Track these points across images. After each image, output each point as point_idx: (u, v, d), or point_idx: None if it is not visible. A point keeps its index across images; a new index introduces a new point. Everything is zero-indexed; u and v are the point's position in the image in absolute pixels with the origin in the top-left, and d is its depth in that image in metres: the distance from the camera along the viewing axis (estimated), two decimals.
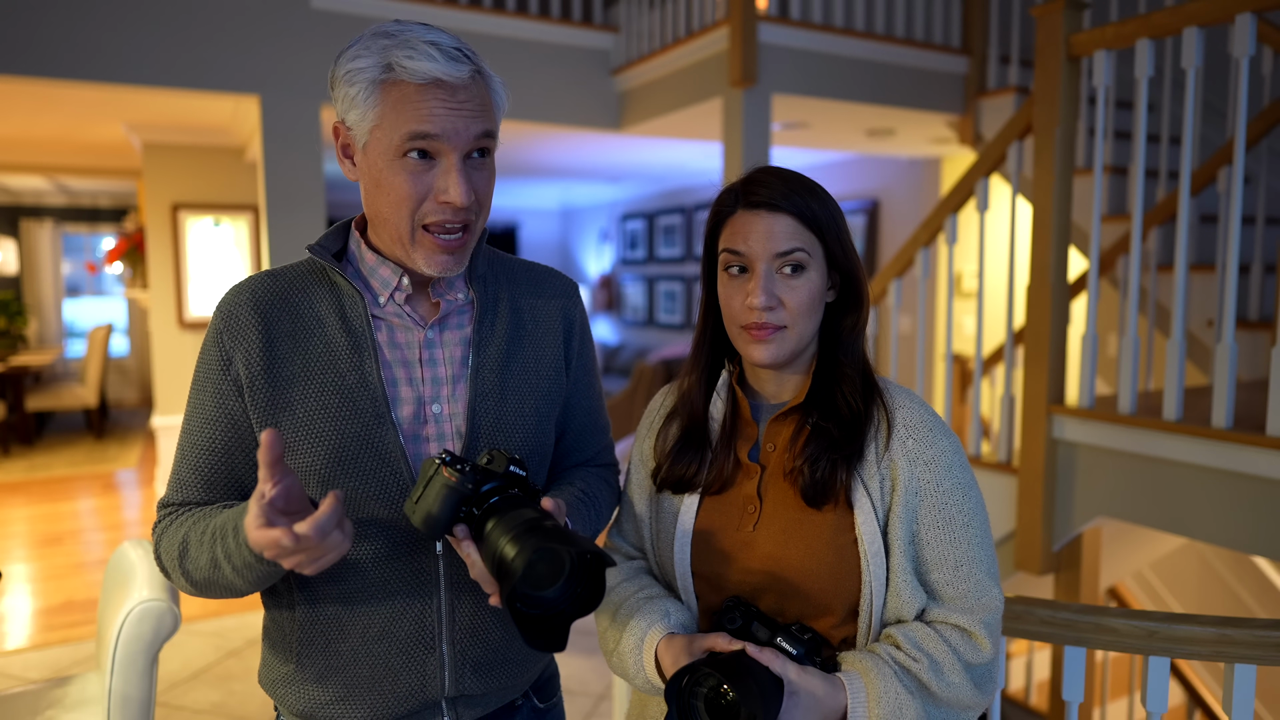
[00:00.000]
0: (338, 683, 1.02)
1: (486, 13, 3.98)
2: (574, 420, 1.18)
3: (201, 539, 0.94)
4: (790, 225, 0.96)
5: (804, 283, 0.97)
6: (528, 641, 0.82)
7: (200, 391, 1.00)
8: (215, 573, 0.93)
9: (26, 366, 6.93)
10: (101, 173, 7.01)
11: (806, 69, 3.84)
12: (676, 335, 8.18)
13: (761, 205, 0.97)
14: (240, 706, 2.97)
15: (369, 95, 0.93)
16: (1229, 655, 1.35)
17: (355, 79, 0.93)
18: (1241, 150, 2.06)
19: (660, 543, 1.07)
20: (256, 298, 1.00)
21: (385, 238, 1.00)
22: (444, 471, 0.87)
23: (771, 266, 0.97)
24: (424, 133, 0.92)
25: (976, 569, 0.97)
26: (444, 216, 0.96)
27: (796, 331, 0.98)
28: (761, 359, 0.98)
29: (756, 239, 0.97)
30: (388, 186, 0.95)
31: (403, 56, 0.92)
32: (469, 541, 0.89)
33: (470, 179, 0.95)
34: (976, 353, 2.88)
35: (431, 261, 0.98)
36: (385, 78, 0.92)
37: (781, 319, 0.97)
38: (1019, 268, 3.64)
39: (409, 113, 0.92)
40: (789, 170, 1.01)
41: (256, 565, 0.89)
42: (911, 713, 0.91)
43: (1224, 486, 2.15)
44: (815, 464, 0.97)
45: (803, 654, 0.91)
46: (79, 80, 3.36)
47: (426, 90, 0.92)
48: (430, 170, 0.94)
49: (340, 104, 0.96)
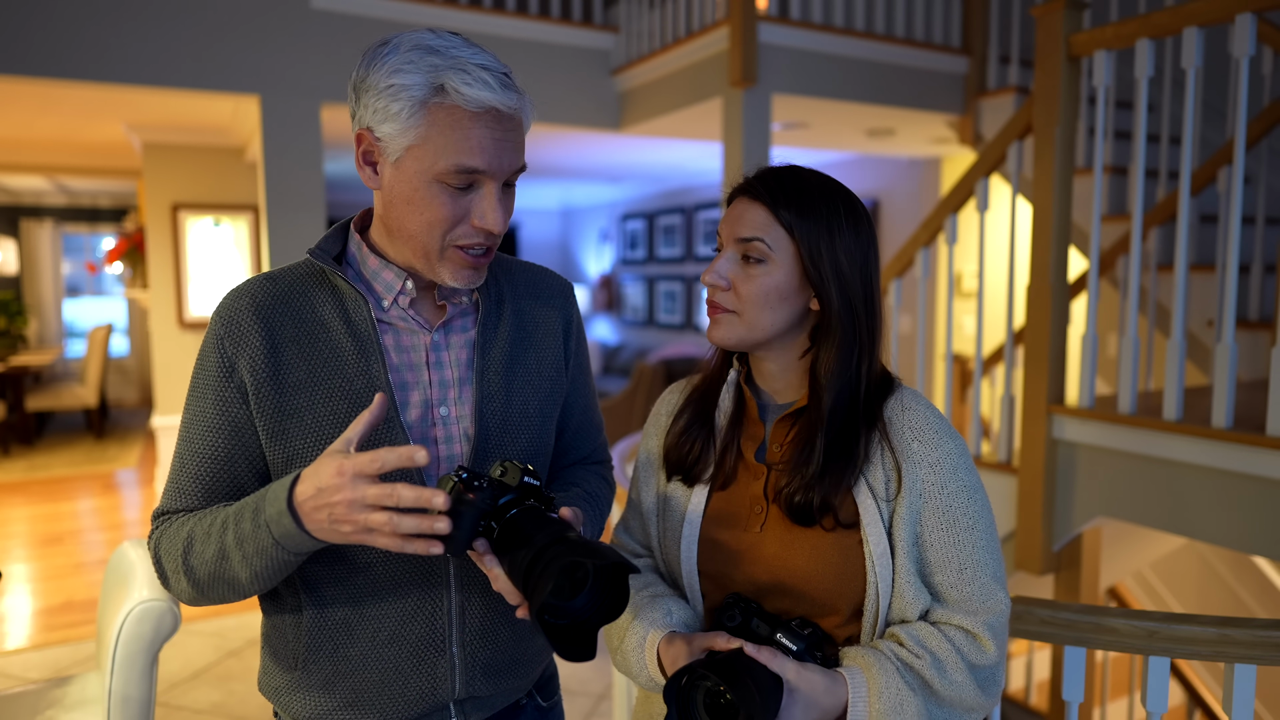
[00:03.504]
0: (345, 688, 1.01)
1: (486, 13, 3.98)
2: (572, 418, 1.18)
3: (209, 531, 0.92)
4: (761, 216, 0.97)
5: (760, 273, 0.97)
6: (560, 653, 0.82)
7: (200, 398, 0.98)
8: (221, 564, 0.91)
9: (26, 366, 6.93)
10: (101, 173, 7.01)
11: (806, 69, 3.84)
12: (676, 335, 8.18)
13: (747, 192, 0.99)
14: (240, 706, 2.97)
15: (413, 114, 0.90)
16: (1229, 655, 1.35)
17: (399, 95, 0.90)
18: (1241, 150, 2.06)
19: (667, 539, 1.07)
20: (257, 302, 0.98)
21: (404, 250, 0.98)
22: (461, 489, 0.86)
23: (735, 250, 0.98)
24: (472, 168, 0.91)
25: (981, 572, 0.97)
26: (476, 240, 0.96)
27: (747, 320, 0.98)
28: (710, 336, 1.01)
29: (729, 221, 1.00)
30: (422, 206, 0.94)
31: (459, 81, 0.89)
32: (490, 556, 0.88)
33: (505, 206, 0.96)
34: (976, 353, 2.88)
35: (458, 276, 0.98)
36: (436, 100, 0.90)
37: (731, 303, 0.98)
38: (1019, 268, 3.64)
39: (458, 142, 0.90)
40: (807, 172, 1.00)
41: (271, 550, 0.87)
42: (912, 708, 0.91)
43: (1224, 486, 2.15)
44: (808, 491, 0.96)
45: (803, 649, 0.91)
46: (79, 80, 3.36)
47: (479, 119, 0.91)
48: (467, 195, 0.94)
49: (369, 111, 0.93)
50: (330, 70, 3.74)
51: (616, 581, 0.84)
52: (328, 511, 0.82)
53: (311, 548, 0.88)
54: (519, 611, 0.88)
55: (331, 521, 0.83)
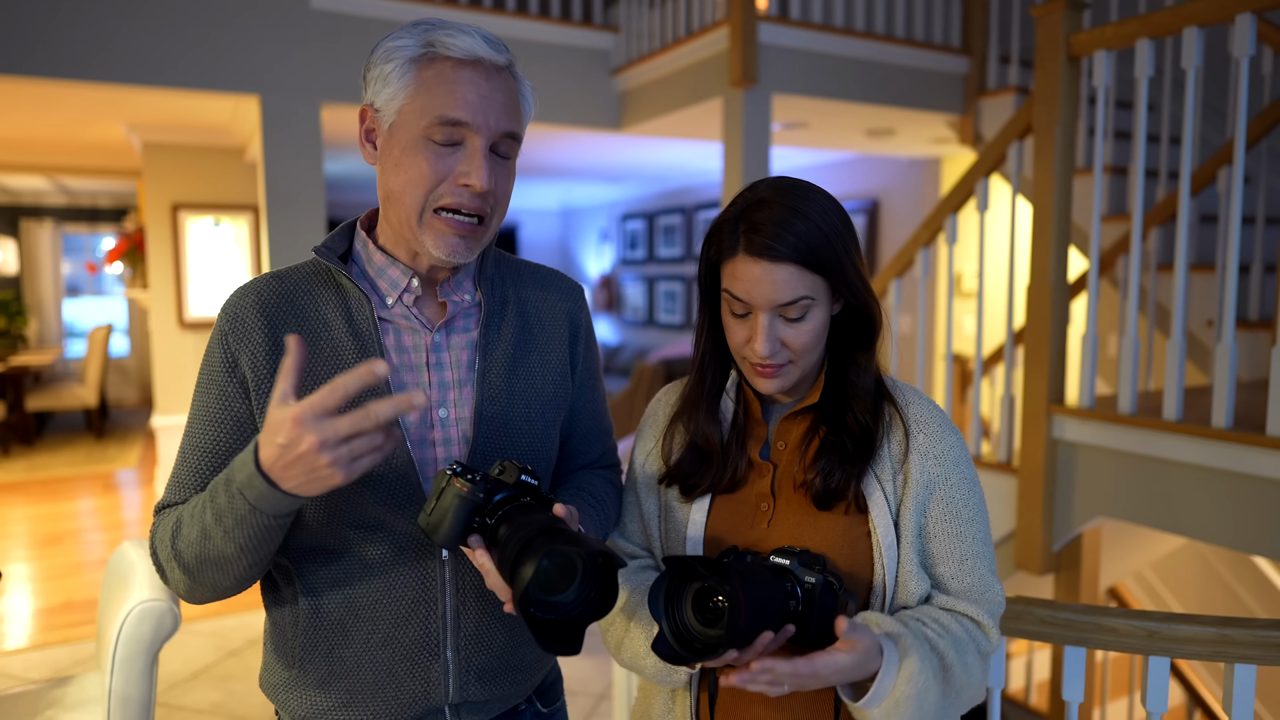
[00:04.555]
0: (341, 689, 1.01)
1: (486, 13, 3.98)
2: (579, 424, 1.17)
3: (192, 513, 0.91)
4: (793, 275, 0.93)
5: (808, 324, 0.96)
6: (541, 644, 0.82)
7: (204, 393, 0.99)
8: (205, 544, 0.89)
9: (26, 366, 6.93)
10: (101, 173, 7.01)
11: (806, 69, 3.84)
12: (676, 335, 8.17)
13: (763, 255, 0.93)
14: (240, 706, 2.97)
15: (404, 73, 0.93)
16: (1229, 655, 1.35)
17: (392, 55, 0.94)
18: (1241, 150, 2.06)
19: (670, 543, 1.07)
20: (262, 300, 0.99)
21: (394, 221, 0.98)
22: (456, 482, 0.87)
23: (774, 314, 0.96)
24: (454, 118, 0.92)
25: (980, 563, 0.99)
26: (460, 200, 0.94)
27: (801, 365, 0.99)
28: (767, 390, 1.01)
29: (758, 290, 0.94)
30: (407, 165, 0.94)
31: (445, 35, 0.93)
32: (483, 551, 0.88)
33: (493, 169, 0.96)
34: (976, 353, 2.88)
35: (440, 243, 0.96)
36: (424, 53, 0.93)
37: (785, 358, 0.98)
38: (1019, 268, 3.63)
39: (442, 93, 0.92)
40: (791, 193, 0.96)
41: (249, 517, 0.85)
42: (932, 697, 0.91)
43: (1224, 486, 2.15)
44: (829, 476, 0.98)
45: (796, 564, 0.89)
46: (79, 80, 3.36)
47: (463, 67, 0.93)
48: (453, 155, 0.94)
49: (372, 86, 0.96)
50: (330, 70, 3.74)
51: (606, 576, 0.84)
52: (301, 466, 0.79)
53: (292, 506, 0.85)
54: (506, 606, 0.88)
55: (309, 474, 0.79)
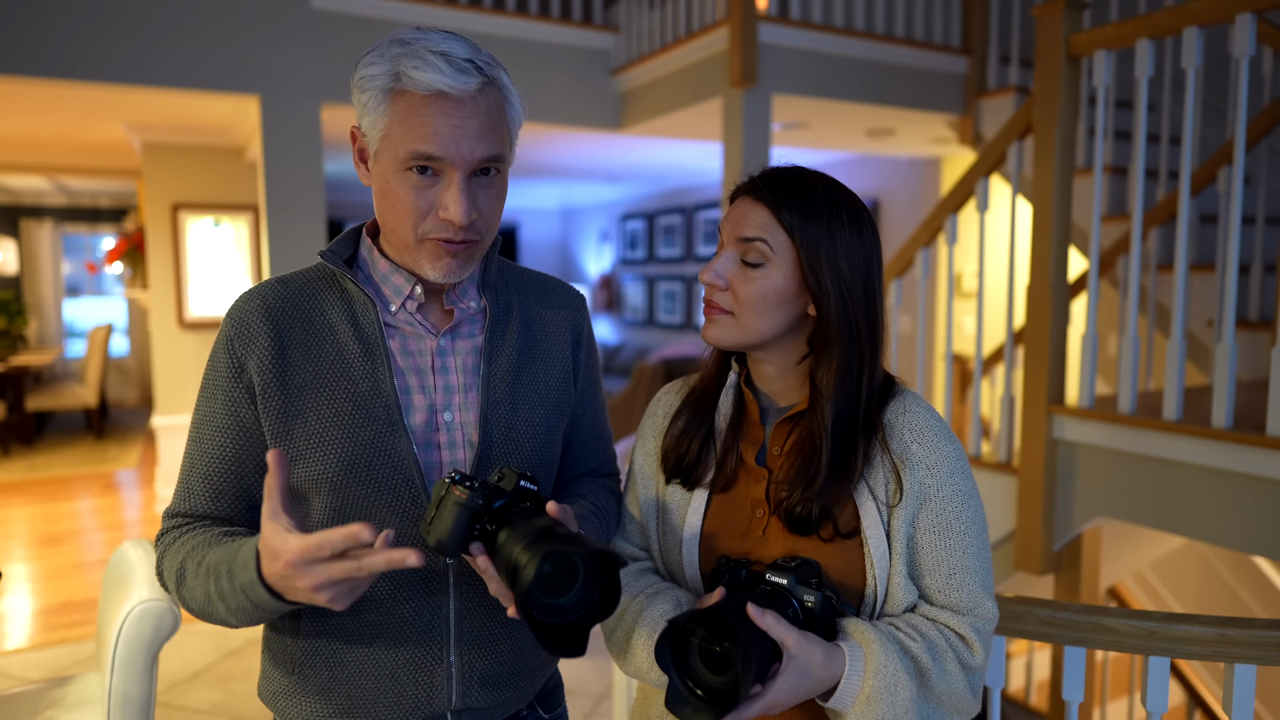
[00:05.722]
0: (341, 695, 1.01)
1: (486, 13, 3.98)
2: (580, 431, 1.18)
3: (198, 571, 0.93)
4: (763, 216, 0.95)
5: (759, 276, 0.96)
6: (545, 647, 0.82)
7: (210, 399, 0.99)
8: (209, 608, 0.93)
9: (26, 366, 6.93)
10: (101, 173, 7.01)
11: (806, 69, 3.84)
12: (676, 335, 8.17)
13: (750, 192, 0.98)
14: (240, 706, 2.97)
15: (379, 104, 0.92)
16: (1229, 655, 1.35)
17: (367, 86, 0.93)
18: (1241, 150, 2.06)
19: (667, 543, 1.07)
20: (267, 304, 0.99)
21: (392, 241, 0.99)
22: (455, 490, 0.87)
23: (735, 250, 0.97)
24: (425, 153, 0.91)
25: (969, 579, 0.96)
26: (445, 234, 0.95)
27: (743, 323, 0.97)
28: (704, 335, 1.00)
29: (731, 220, 0.98)
30: (394, 197, 0.94)
31: (409, 66, 0.90)
32: (485, 558, 0.88)
33: (474, 198, 0.94)
34: (976, 353, 2.88)
35: (436, 266, 0.97)
36: (393, 87, 0.91)
37: (727, 304, 0.98)
38: (1019, 268, 3.64)
39: (413, 128, 0.90)
40: (813, 174, 0.98)
41: (251, 610, 0.88)
42: (906, 693, 0.90)
43: (1224, 486, 2.15)
44: (806, 505, 0.95)
45: (793, 581, 0.90)
46: (79, 80, 3.36)
47: (430, 103, 0.90)
48: (434, 186, 0.93)
49: (357, 109, 0.96)
50: (330, 70, 3.74)
51: (607, 577, 0.84)
52: (300, 594, 0.82)
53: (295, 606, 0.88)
54: (509, 611, 0.88)
55: (309, 599, 0.82)
